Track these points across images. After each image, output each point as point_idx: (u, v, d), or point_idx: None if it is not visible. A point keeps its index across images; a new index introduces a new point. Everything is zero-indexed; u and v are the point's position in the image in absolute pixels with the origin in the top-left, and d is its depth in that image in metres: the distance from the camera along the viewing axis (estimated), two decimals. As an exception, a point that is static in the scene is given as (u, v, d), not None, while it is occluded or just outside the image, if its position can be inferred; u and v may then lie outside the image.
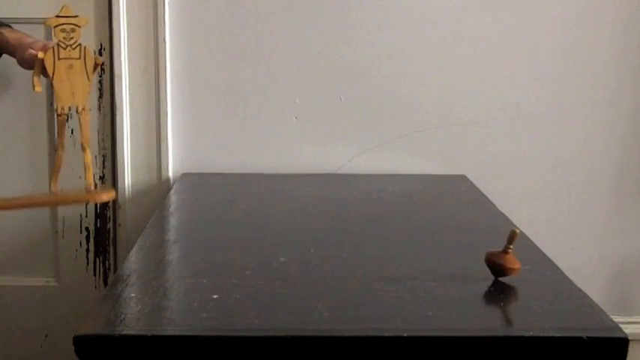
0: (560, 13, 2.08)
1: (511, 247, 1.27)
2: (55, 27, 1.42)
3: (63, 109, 1.42)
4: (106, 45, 2.07)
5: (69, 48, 1.42)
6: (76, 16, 1.42)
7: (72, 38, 1.42)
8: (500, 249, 1.28)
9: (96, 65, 1.44)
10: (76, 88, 1.42)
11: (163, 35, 2.05)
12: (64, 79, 1.42)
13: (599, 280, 2.20)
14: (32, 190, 2.10)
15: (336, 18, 2.08)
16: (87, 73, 1.42)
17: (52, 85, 1.45)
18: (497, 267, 1.28)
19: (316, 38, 2.09)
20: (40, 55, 1.43)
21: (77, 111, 1.43)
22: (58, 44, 1.41)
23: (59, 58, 1.42)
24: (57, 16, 1.42)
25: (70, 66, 1.42)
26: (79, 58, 1.42)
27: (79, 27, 1.42)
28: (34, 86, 1.47)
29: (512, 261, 1.28)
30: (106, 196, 1.52)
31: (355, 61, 2.10)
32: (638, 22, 2.09)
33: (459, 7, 2.08)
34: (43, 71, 1.52)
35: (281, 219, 1.72)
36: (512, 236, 1.27)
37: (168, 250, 1.47)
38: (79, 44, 1.42)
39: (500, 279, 1.28)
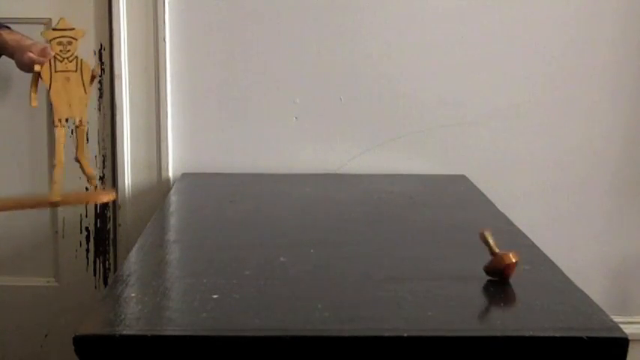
0: (561, 13, 2.08)
1: (494, 248, 1.27)
2: (51, 40, 1.42)
3: (60, 120, 1.42)
4: (106, 45, 2.07)
5: (65, 61, 1.41)
6: (73, 29, 1.42)
7: (68, 51, 1.42)
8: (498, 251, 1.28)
9: (93, 77, 1.44)
10: (73, 101, 1.42)
11: (163, 35, 2.05)
12: (61, 91, 1.42)
13: (599, 280, 2.20)
14: (32, 191, 2.10)
15: (336, 18, 2.08)
16: (84, 85, 1.42)
17: (48, 97, 1.44)
18: (495, 273, 1.28)
19: (316, 38, 2.09)
20: (37, 68, 1.43)
21: (75, 123, 1.43)
22: (54, 57, 1.41)
23: (56, 71, 1.41)
24: (53, 29, 1.42)
25: (67, 79, 1.42)
26: (76, 71, 1.42)
27: (76, 40, 1.42)
28: (30, 101, 1.47)
29: (503, 260, 1.27)
30: (106, 197, 1.52)
31: (355, 61, 2.10)
32: (639, 22, 2.09)
33: (459, 7, 2.08)
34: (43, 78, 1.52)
35: (281, 219, 1.72)
36: (484, 239, 1.27)
37: (169, 250, 1.47)
38: (76, 57, 1.42)
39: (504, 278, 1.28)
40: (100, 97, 2.10)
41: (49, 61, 1.41)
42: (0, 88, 2.08)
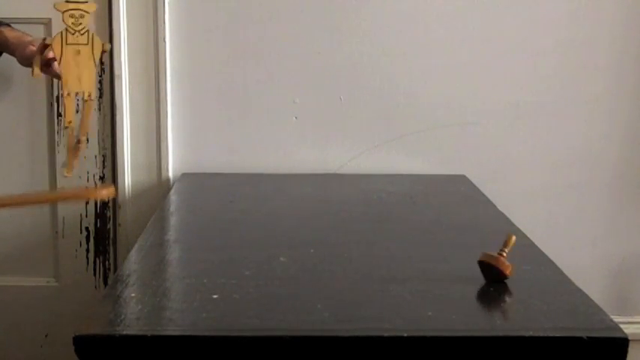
0: (560, 12, 2.08)
1: (506, 250, 1.27)
2: (63, 12, 1.41)
3: (69, 94, 1.41)
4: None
5: (77, 34, 1.41)
6: (85, 2, 1.41)
7: (80, 24, 1.41)
8: (497, 250, 1.28)
9: (103, 52, 1.44)
10: (82, 74, 1.41)
11: (163, 35, 2.05)
12: (72, 64, 1.41)
13: (599, 280, 2.20)
14: (32, 190, 2.10)
15: (336, 18, 2.08)
16: (94, 59, 1.42)
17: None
18: (490, 270, 1.27)
19: (316, 38, 2.09)
20: (48, 40, 1.43)
21: (83, 98, 1.42)
22: (66, 29, 1.40)
23: (67, 44, 1.41)
24: (66, 1, 1.41)
25: (78, 52, 1.41)
26: (87, 44, 1.41)
27: (88, 13, 1.41)
28: (32, 71, 1.46)
29: (500, 263, 1.27)
30: (106, 193, 1.51)
31: (355, 61, 2.10)
32: (638, 22, 2.09)
33: (459, 7, 2.08)
34: (44, 69, 1.51)
35: (281, 219, 1.72)
36: (508, 241, 1.27)
37: (168, 250, 1.47)
38: (87, 30, 1.41)
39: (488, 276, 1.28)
40: (100, 97, 2.10)
41: (61, 33, 1.41)
42: (0, 86, 2.08)
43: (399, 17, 2.08)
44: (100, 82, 2.08)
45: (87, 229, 2.16)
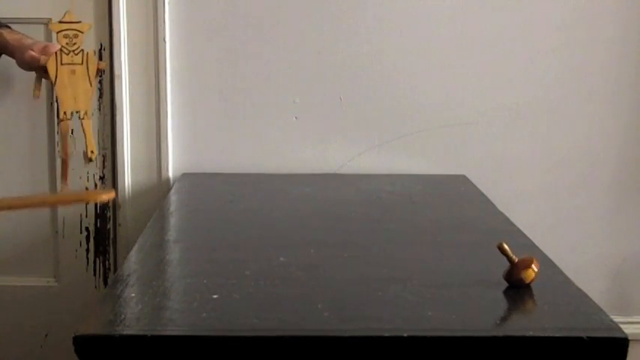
0: (560, 13, 2.08)
1: (513, 256, 1.26)
2: (57, 32, 1.42)
3: (65, 114, 1.42)
4: (106, 45, 2.07)
5: (71, 53, 1.42)
6: (79, 22, 1.42)
7: (74, 44, 1.42)
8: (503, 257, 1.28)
9: (98, 70, 1.44)
10: (78, 94, 1.42)
11: (163, 35, 2.05)
12: (67, 84, 1.42)
13: (599, 280, 2.20)
14: (32, 191, 2.10)
15: (336, 18, 2.08)
16: (89, 78, 1.43)
17: (52, 90, 1.45)
18: (516, 280, 1.27)
19: (316, 38, 2.09)
20: (43, 61, 1.43)
21: (80, 116, 1.43)
22: (60, 49, 1.41)
23: (62, 64, 1.42)
24: (60, 22, 1.42)
25: (73, 71, 1.42)
26: (82, 64, 1.42)
27: (82, 33, 1.42)
28: (33, 91, 1.46)
29: (525, 266, 1.26)
30: (106, 196, 1.52)
31: (355, 61, 2.10)
32: (638, 22, 2.09)
33: (459, 7, 2.08)
34: (45, 75, 1.52)
35: (281, 219, 1.72)
36: (502, 250, 1.26)
37: (168, 250, 1.47)
38: (82, 50, 1.42)
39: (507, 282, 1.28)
40: (100, 97, 2.10)
41: (55, 54, 1.41)
42: (0, 86, 2.08)
43: (399, 17, 2.08)
44: (100, 82, 2.08)
45: (87, 229, 2.16)
